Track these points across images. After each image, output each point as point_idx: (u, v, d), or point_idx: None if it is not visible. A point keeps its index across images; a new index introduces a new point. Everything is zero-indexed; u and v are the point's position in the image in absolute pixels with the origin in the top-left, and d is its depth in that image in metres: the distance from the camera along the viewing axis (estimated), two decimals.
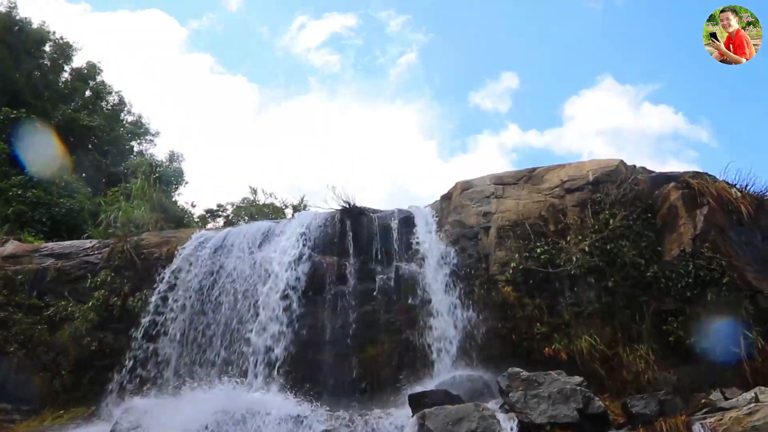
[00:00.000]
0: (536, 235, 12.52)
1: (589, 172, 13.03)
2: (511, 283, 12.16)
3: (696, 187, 12.03)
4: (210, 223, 23.92)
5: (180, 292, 13.22)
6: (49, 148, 25.27)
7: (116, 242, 14.70)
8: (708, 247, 11.42)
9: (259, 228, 14.23)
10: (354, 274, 12.77)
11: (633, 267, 11.72)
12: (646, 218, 12.29)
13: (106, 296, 13.74)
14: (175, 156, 30.98)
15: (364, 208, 13.90)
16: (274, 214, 20.30)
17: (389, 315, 12.37)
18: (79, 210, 22.35)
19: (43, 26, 31.36)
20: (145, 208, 18.06)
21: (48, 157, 24.48)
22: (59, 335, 13.50)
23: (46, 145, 25.27)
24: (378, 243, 13.12)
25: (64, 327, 13.56)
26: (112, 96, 33.23)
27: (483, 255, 12.71)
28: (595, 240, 12.02)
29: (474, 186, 13.70)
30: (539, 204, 12.96)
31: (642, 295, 11.54)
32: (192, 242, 14.11)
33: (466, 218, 13.24)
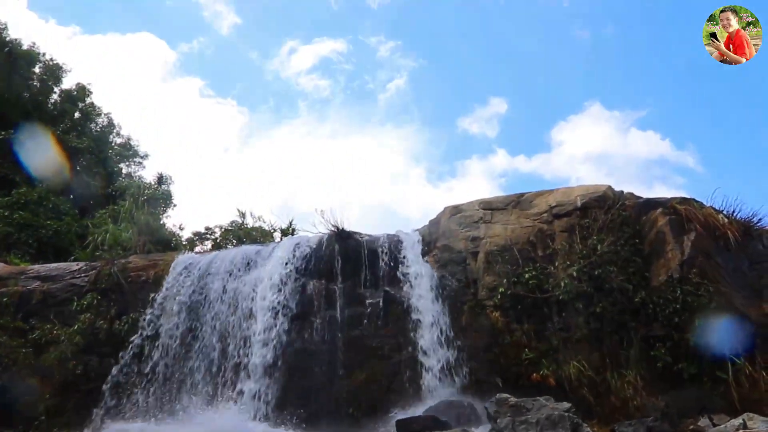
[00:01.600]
0: (524, 260, 12.52)
1: (577, 198, 13.07)
2: (500, 308, 12.16)
3: (683, 212, 12.08)
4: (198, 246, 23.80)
5: (166, 316, 13.13)
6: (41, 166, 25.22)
7: (103, 265, 14.61)
8: (695, 272, 11.44)
9: (247, 251, 14.17)
10: (342, 299, 12.73)
11: (621, 293, 11.72)
12: (634, 244, 12.31)
13: (92, 319, 13.64)
14: (164, 178, 30.89)
15: (353, 232, 13.87)
16: (262, 237, 20.18)
17: (377, 340, 12.31)
18: (66, 232, 22.22)
19: (33, 48, 31.32)
20: (133, 231, 17.93)
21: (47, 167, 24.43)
22: (44, 359, 13.35)
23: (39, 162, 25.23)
24: (366, 267, 13.09)
25: (50, 350, 13.42)
26: (102, 118, 33.12)
27: (471, 280, 12.70)
28: (583, 265, 12.03)
29: (462, 211, 13.72)
30: (528, 229, 12.98)
31: (630, 321, 11.54)
32: (179, 265, 14.04)
33: (454, 243, 13.24)
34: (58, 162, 26.91)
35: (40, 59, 31.48)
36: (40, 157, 25.71)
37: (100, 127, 32.89)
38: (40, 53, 31.55)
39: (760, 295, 11.52)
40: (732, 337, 10.86)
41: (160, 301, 13.42)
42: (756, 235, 12.26)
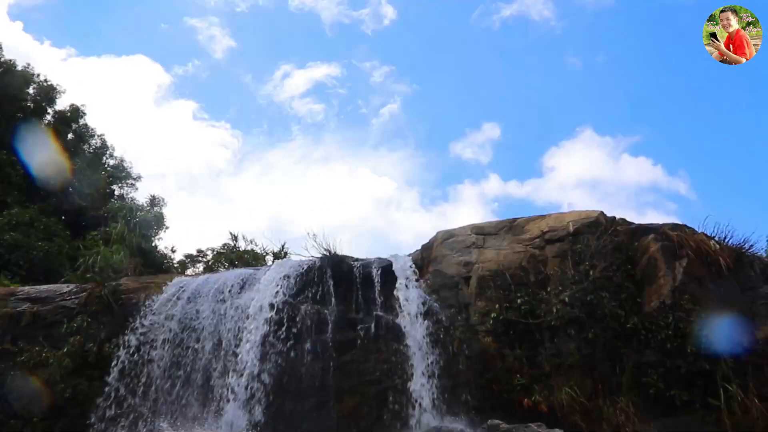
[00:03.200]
0: (517, 285, 12.49)
1: (569, 223, 13.08)
2: (492, 333, 12.11)
3: (675, 239, 12.13)
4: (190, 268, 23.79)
5: (156, 339, 13.04)
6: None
7: (94, 287, 14.51)
8: (687, 299, 11.48)
9: (238, 275, 14.09)
10: (334, 323, 12.64)
11: (613, 318, 11.71)
12: (626, 270, 12.33)
13: (81, 342, 13.50)
14: (156, 201, 30.97)
15: (345, 256, 13.82)
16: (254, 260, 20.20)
17: (369, 365, 12.23)
18: (57, 253, 22.17)
19: (27, 69, 31.43)
20: (125, 253, 17.88)
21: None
22: (32, 381, 13.21)
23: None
24: (358, 292, 13.02)
25: (38, 373, 13.28)
26: (95, 139, 33.23)
27: (463, 305, 12.66)
28: (575, 291, 12.02)
29: (455, 236, 13.70)
30: (520, 254, 12.97)
31: (622, 347, 11.53)
32: (170, 288, 13.95)
33: (446, 268, 13.20)
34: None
35: (34, 80, 31.59)
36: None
37: (94, 149, 32.98)
38: (34, 74, 31.67)
39: (752, 322, 11.52)
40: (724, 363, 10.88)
41: (148, 324, 13.33)
42: (747, 261, 12.30)
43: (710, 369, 10.93)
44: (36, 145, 29.04)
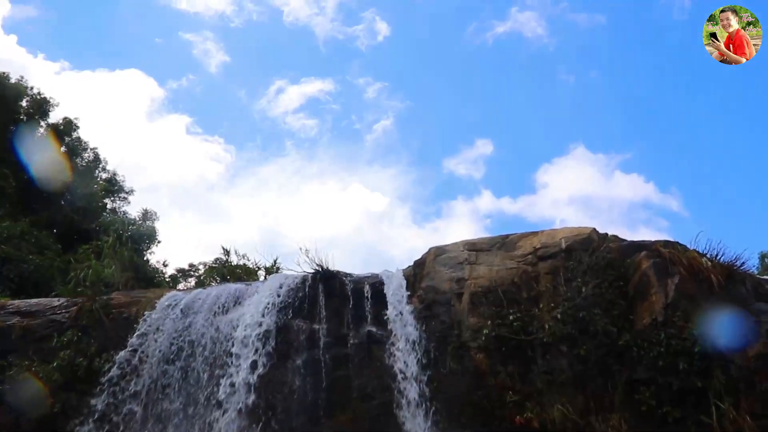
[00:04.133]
0: (509, 302, 12.47)
1: (561, 240, 13.08)
2: (484, 350, 12.07)
3: (667, 256, 12.14)
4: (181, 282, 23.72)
5: (146, 355, 12.98)
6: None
7: (85, 301, 14.44)
8: (680, 316, 11.47)
9: (230, 290, 14.05)
10: (325, 339, 12.62)
11: (605, 335, 11.70)
12: (619, 286, 12.32)
13: (71, 356, 13.43)
14: (149, 214, 30.90)
15: (337, 271, 13.80)
16: (246, 275, 20.10)
17: (361, 380, 12.22)
18: (48, 267, 22.06)
19: (21, 81, 31.41)
20: (116, 267, 17.80)
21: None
22: (21, 396, 13.13)
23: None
24: (350, 307, 13.01)
25: (27, 387, 13.19)
26: (87, 152, 33.18)
27: (455, 321, 12.61)
28: (567, 308, 12.01)
29: (447, 252, 13.68)
30: (512, 271, 12.95)
31: (614, 364, 11.51)
32: (161, 303, 13.89)
33: (439, 284, 13.17)
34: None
35: (27, 93, 31.53)
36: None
37: (86, 162, 32.90)
38: (27, 87, 31.63)
39: (744, 339, 11.51)
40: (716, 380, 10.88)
41: (139, 340, 13.27)
42: (739, 278, 12.30)
43: (702, 386, 10.91)
44: (28, 158, 29.00)
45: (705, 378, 10.93)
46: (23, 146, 29.61)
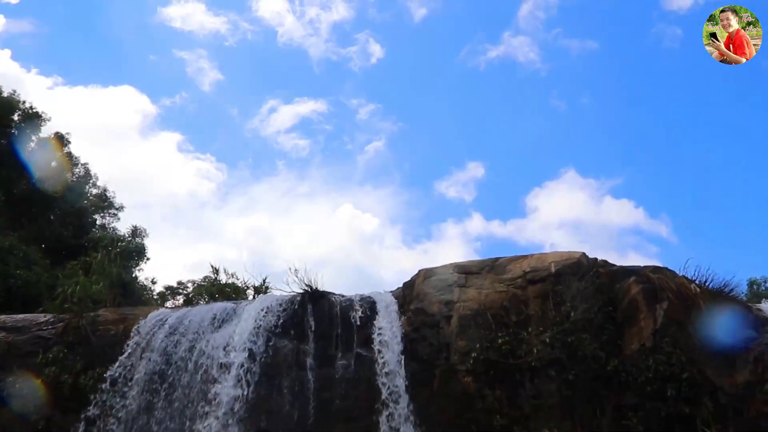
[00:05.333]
0: (498, 325, 12.44)
1: (551, 264, 13.08)
2: (472, 373, 12.04)
3: (656, 281, 12.17)
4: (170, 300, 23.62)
5: (133, 372, 12.88)
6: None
7: (71, 318, 14.35)
8: (668, 342, 11.50)
9: (218, 309, 13.96)
10: (313, 360, 12.56)
11: (594, 360, 11.69)
12: (607, 311, 12.32)
13: (57, 373, 13.33)
14: (138, 231, 30.79)
15: (326, 292, 13.75)
16: (235, 294, 20.03)
17: (348, 402, 12.16)
18: (36, 282, 21.92)
19: (13, 95, 31.34)
20: (104, 284, 17.72)
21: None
22: (5, 412, 13.00)
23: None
24: (339, 328, 12.93)
25: (11, 404, 13.07)
26: (78, 168, 33.07)
27: (444, 344, 12.58)
28: (556, 332, 11.99)
29: (437, 274, 13.65)
30: (501, 294, 12.93)
31: (602, 389, 11.51)
32: (149, 321, 13.81)
33: (428, 306, 13.13)
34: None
35: (19, 107, 31.45)
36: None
37: (77, 177, 32.77)
38: (20, 101, 31.54)
39: (732, 366, 11.54)
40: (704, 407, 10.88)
41: (125, 358, 13.17)
42: (728, 305, 12.32)
43: (690, 413, 10.92)
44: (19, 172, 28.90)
45: (693, 404, 10.94)
46: (14, 160, 29.52)
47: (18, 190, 27.79)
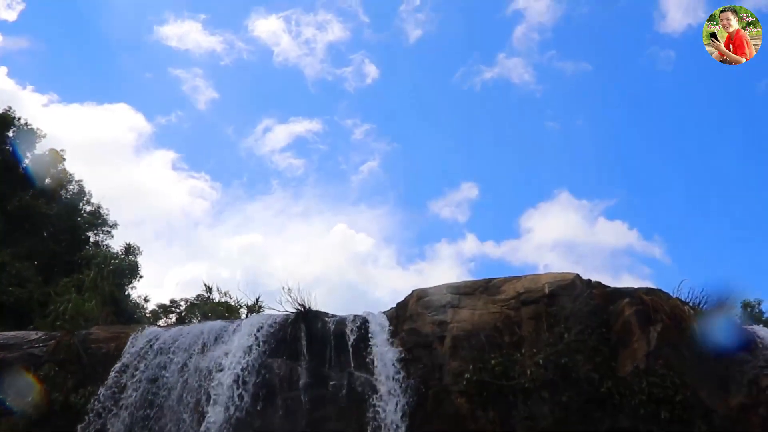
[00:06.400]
0: (491, 346, 12.40)
1: (545, 285, 13.06)
2: (465, 394, 11.98)
3: (650, 303, 12.17)
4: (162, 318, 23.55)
5: (123, 392, 12.80)
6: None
7: (63, 335, 14.26)
8: (662, 364, 11.48)
9: (211, 328, 13.87)
10: (306, 379, 12.50)
11: (587, 382, 11.66)
12: (601, 333, 12.30)
13: (47, 391, 13.24)
14: (132, 249, 30.69)
15: (319, 312, 13.70)
16: (228, 313, 20.01)
17: (341, 423, 12.09)
18: (28, 299, 21.86)
19: (8, 111, 31.37)
20: (97, 301, 17.69)
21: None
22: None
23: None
24: (332, 348, 12.88)
25: (1, 422, 12.96)
26: (72, 185, 33.03)
27: (437, 365, 12.52)
28: (549, 353, 11.95)
29: (430, 295, 13.60)
30: (495, 315, 12.89)
31: (595, 411, 11.47)
32: (141, 340, 13.72)
33: (421, 327, 13.08)
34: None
35: (14, 123, 31.48)
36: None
37: (71, 194, 32.77)
38: (15, 117, 31.57)
39: (726, 389, 11.53)
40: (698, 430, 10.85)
41: (116, 377, 13.09)
42: (721, 327, 12.32)
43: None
44: (12, 189, 28.87)
45: (687, 427, 10.92)
46: (8, 176, 29.50)
47: (12, 207, 27.71)
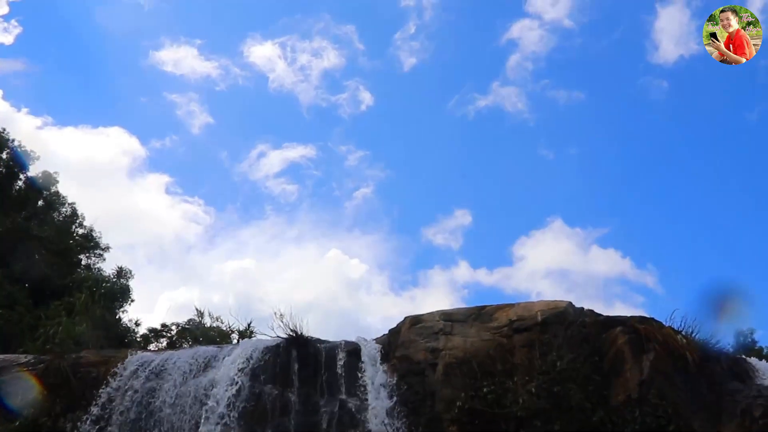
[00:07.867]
0: (483, 374, 12.35)
1: (537, 313, 13.05)
2: (457, 422, 11.91)
3: (643, 332, 12.15)
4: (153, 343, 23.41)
5: (113, 418, 12.69)
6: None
7: (53, 359, 14.15)
8: (654, 393, 11.43)
9: (201, 353, 13.80)
10: (297, 406, 12.41)
11: (580, 411, 11.60)
12: (594, 361, 12.26)
13: (35, 415, 13.11)
14: (123, 272, 30.56)
15: (311, 338, 13.66)
16: (219, 338, 19.94)
17: None
18: (18, 322, 21.69)
19: (2, 133, 31.37)
20: (87, 325, 17.58)
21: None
22: None
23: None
24: (323, 375, 12.83)
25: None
26: (65, 207, 32.90)
27: (429, 392, 12.47)
28: (542, 382, 11.91)
29: (423, 321, 13.59)
30: (487, 342, 12.87)
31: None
32: (131, 364, 13.64)
33: (413, 354, 13.04)
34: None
35: (8, 145, 31.45)
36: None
37: (63, 217, 32.65)
38: (9, 139, 31.56)
39: (719, 418, 11.50)
40: None
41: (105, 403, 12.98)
42: (714, 356, 12.33)
43: None
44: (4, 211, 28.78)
45: None
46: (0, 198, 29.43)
47: (3, 228, 27.58)
